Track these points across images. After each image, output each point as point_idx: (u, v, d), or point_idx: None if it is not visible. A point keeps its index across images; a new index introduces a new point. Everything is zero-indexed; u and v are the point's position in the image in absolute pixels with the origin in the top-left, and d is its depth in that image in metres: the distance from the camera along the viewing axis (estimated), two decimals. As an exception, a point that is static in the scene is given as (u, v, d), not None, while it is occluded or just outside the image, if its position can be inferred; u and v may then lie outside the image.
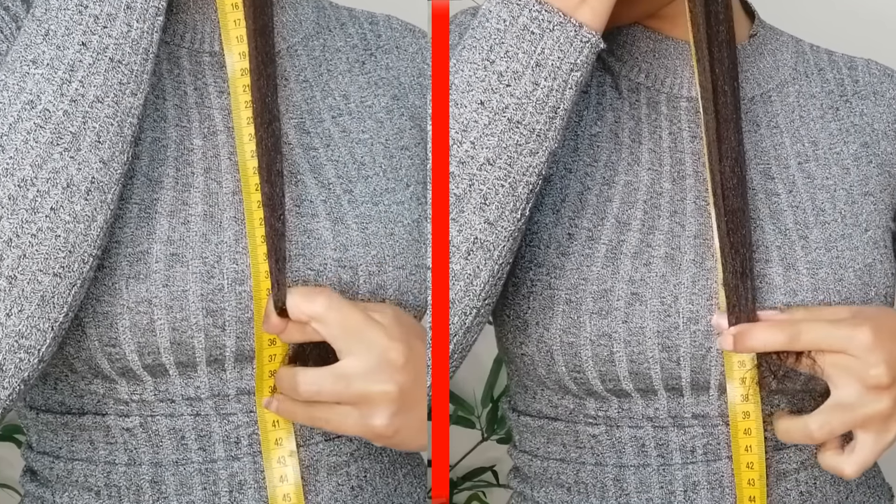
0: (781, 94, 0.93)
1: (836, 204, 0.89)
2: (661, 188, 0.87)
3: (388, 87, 0.92)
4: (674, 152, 0.89)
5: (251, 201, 0.81)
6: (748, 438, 0.83)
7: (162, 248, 0.80)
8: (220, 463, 0.83)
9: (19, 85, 0.74)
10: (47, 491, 0.86)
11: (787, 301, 0.84)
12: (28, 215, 0.72)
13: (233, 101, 0.82)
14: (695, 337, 0.83)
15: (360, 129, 0.89)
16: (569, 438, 0.89)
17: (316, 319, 0.78)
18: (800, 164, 0.90)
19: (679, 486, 0.87)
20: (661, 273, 0.84)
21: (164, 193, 0.81)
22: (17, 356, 0.74)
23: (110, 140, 0.75)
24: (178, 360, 0.81)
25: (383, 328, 0.79)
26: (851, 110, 0.94)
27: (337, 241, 0.83)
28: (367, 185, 0.86)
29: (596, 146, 0.89)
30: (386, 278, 0.84)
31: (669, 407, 0.86)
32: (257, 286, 0.80)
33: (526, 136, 0.76)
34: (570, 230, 0.86)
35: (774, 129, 0.91)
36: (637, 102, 0.90)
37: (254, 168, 0.81)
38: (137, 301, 0.79)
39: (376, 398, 0.78)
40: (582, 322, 0.84)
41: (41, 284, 0.73)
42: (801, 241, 0.87)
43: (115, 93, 0.75)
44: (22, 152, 0.73)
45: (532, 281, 0.86)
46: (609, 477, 0.88)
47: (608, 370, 0.84)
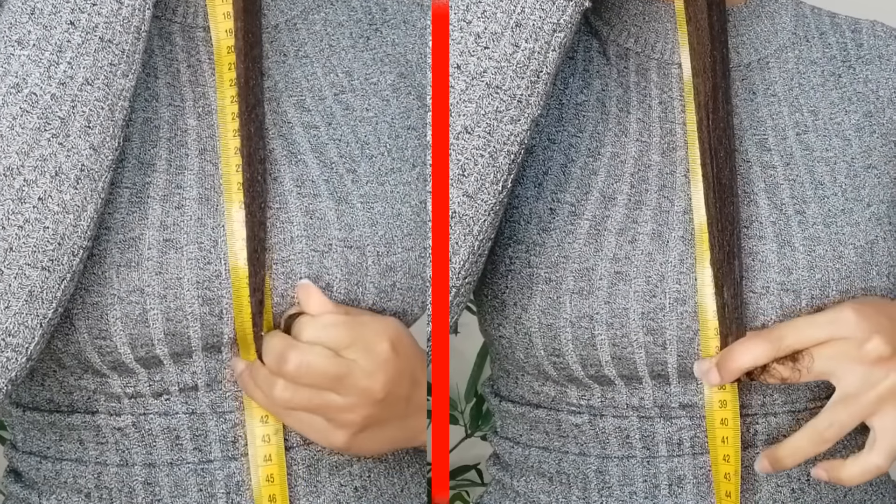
0: (780, 60, 0.91)
1: (837, 177, 0.88)
2: (649, 160, 0.86)
3: (395, 65, 0.90)
4: (664, 122, 0.87)
5: (231, 183, 0.80)
6: (724, 429, 0.82)
7: (155, 233, 0.79)
8: (217, 463, 0.82)
9: (3, 67, 0.73)
10: (33, 493, 0.85)
11: (782, 280, 0.83)
12: (14, 206, 0.72)
13: (217, 78, 0.81)
14: (682, 319, 0.82)
15: (364, 108, 0.88)
16: (551, 427, 0.88)
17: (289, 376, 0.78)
18: (798, 134, 0.88)
19: (664, 479, 0.85)
20: (647, 251, 0.82)
21: (156, 176, 0.80)
22: (4, 355, 0.73)
23: (101, 125, 0.74)
24: (173, 350, 0.80)
25: (359, 363, 0.79)
26: (855, 77, 0.92)
27: (342, 220, 0.82)
28: (371, 164, 0.85)
29: (581, 115, 0.87)
30: (395, 259, 0.83)
31: (655, 396, 0.84)
32: (236, 276, 0.79)
33: (506, 103, 0.75)
34: (552, 205, 0.84)
35: (772, 97, 0.89)
36: (625, 69, 0.88)
37: (235, 148, 0.80)
38: (129, 290, 0.78)
39: (344, 420, 0.79)
40: (561, 302, 0.82)
41: (29, 279, 0.72)
42: (798, 216, 0.85)
43: (106, 74, 0.74)
44: (7, 139, 0.72)
45: (511, 259, 0.84)
46: (591, 468, 0.87)
47: (589, 354, 0.83)
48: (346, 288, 0.81)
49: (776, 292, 0.82)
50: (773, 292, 0.82)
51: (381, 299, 0.82)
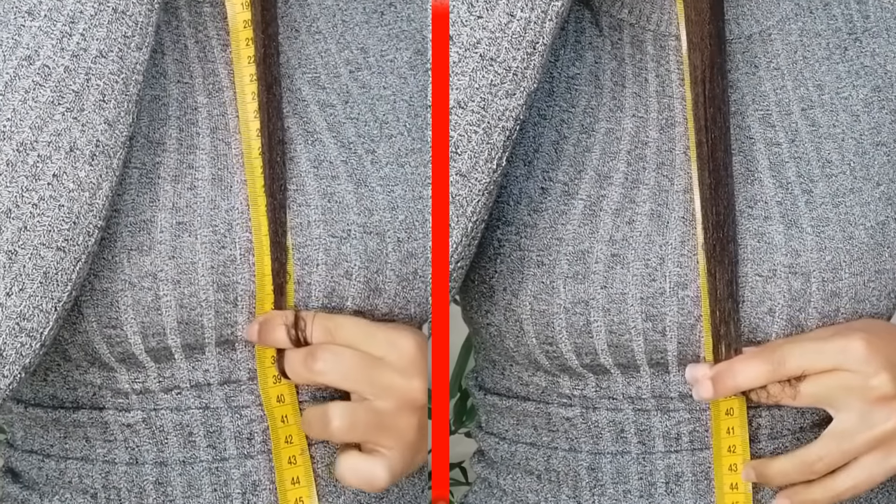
0: (783, 31, 0.89)
1: (845, 155, 0.86)
2: (646, 137, 0.84)
3: (411, 41, 0.89)
4: (661, 97, 0.85)
5: (254, 166, 0.79)
6: (730, 420, 0.81)
7: (167, 216, 0.77)
8: (232, 462, 0.81)
9: (14, 39, 0.71)
10: (34, 494, 0.83)
11: (790, 262, 0.81)
12: (28, 183, 0.70)
13: (234, 55, 0.80)
14: (683, 304, 0.80)
15: (381, 85, 0.86)
16: (540, 421, 0.86)
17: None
18: (803, 110, 0.87)
19: (660, 476, 0.84)
20: (645, 232, 0.81)
21: (167, 156, 0.79)
22: (19, 340, 0.71)
23: (115, 99, 0.72)
24: (186, 341, 0.78)
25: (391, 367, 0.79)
26: (861, 50, 0.91)
27: (361, 204, 0.81)
28: (390, 145, 0.84)
29: (574, 90, 0.85)
30: (416, 245, 0.82)
31: (653, 385, 0.83)
32: (260, 260, 0.78)
33: (501, 76, 0.74)
34: (544, 184, 0.83)
35: (775, 70, 0.87)
36: (620, 41, 0.87)
37: (257, 130, 0.80)
38: (140, 276, 0.76)
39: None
40: (555, 287, 0.80)
41: (44, 259, 0.71)
42: (805, 195, 0.84)
43: (120, 47, 0.72)
44: (20, 113, 0.70)
45: (500, 241, 0.83)
46: (583, 465, 0.85)
47: (584, 342, 0.81)
48: (366, 276, 0.80)
49: (784, 275, 0.81)
50: (781, 275, 0.81)
51: (402, 287, 0.81)
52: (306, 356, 0.77)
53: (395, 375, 0.78)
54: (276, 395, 0.80)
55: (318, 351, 0.77)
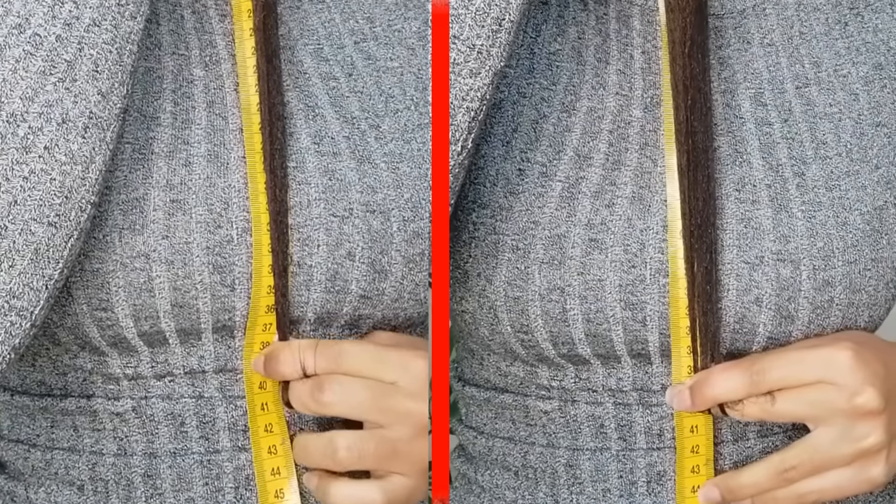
0: (778, 5, 0.87)
1: (841, 136, 0.84)
2: (630, 116, 0.83)
3: (420, 10, 0.88)
4: (647, 74, 0.84)
5: (253, 142, 0.78)
6: (693, 418, 0.79)
7: (160, 194, 0.76)
8: (225, 454, 0.80)
9: (4, 7, 0.70)
10: (20, 485, 0.82)
11: (778, 248, 0.80)
12: (19, 155, 0.69)
13: (236, 28, 0.80)
14: (664, 292, 0.79)
15: (387, 57, 0.85)
16: (518, 414, 0.85)
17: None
18: (798, 88, 0.85)
19: (641, 475, 0.82)
20: (626, 216, 0.80)
21: (161, 131, 0.78)
22: (8, 319, 0.70)
23: (109, 69, 0.72)
24: (180, 326, 0.78)
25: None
26: (863, 25, 0.89)
27: (364, 182, 0.80)
28: (396, 120, 0.84)
29: (555, 66, 0.84)
30: (422, 225, 0.81)
31: (635, 377, 0.81)
32: (258, 240, 0.78)
33: (464, 54, 0.73)
34: (522, 165, 0.81)
35: (769, 46, 0.86)
36: (605, 16, 0.85)
37: (257, 105, 0.79)
38: (133, 256, 0.75)
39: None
40: (530, 273, 0.79)
41: (34, 235, 0.70)
42: (797, 178, 0.82)
43: (114, 15, 0.72)
44: (10, 83, 0.69)
45: (475, 224, 0.81)
46: (561, 462, 0.84)
47: (560, 331, 0.80)
48: (370, 257, 0.78)
49: (772, 262, 0.79)
50: (769, 262, 0.79)
51: (410, 269, 0.79)
52: (313, 388, 0.76)
53: (408, 401, 0.76)
54: (258, 382, 0.78)
55: (326, 382, 0.76)
